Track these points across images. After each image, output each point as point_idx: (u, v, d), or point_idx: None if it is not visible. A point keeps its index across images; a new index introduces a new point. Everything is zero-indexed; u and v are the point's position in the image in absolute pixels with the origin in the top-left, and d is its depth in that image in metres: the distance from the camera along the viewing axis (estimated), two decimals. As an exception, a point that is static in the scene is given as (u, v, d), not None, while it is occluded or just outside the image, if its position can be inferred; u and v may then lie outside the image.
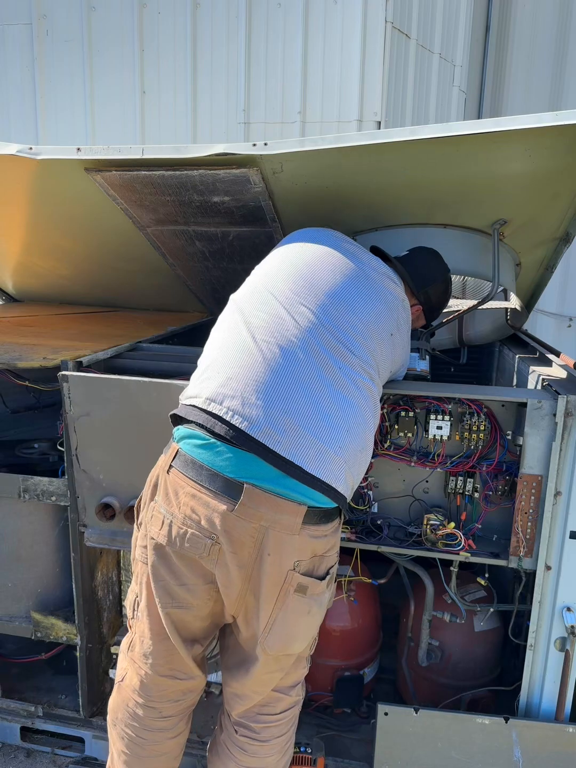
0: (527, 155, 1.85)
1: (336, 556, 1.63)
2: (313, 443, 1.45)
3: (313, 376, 1.52)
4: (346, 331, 1.60)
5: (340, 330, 1.60)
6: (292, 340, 1.54)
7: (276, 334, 1.54)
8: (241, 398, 1.46)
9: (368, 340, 1.64)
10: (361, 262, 1.77)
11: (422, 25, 4.87)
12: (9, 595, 2.28)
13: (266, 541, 1.45)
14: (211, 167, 1.99)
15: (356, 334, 1.62)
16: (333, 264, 1.72)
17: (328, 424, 1.48)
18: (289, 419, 1.45)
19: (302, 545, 1.49)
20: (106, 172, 2.11)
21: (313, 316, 1.58)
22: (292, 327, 1.56)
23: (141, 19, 4.75)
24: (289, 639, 1.56)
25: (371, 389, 1.61)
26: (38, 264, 3.17)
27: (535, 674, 1.94)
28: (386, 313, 1.73)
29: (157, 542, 1.55)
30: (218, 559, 1.48)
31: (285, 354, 1.51)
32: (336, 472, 1.48)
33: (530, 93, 6.33)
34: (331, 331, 1.59)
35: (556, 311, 6.36)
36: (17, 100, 5.14)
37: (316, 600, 1.55)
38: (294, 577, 1.49)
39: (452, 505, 2.01)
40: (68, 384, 1.98)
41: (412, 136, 1.74)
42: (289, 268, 1.71)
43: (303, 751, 2.04)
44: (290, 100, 4.61)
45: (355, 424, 1.53)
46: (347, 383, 1.55)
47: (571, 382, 2.01)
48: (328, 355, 1.55)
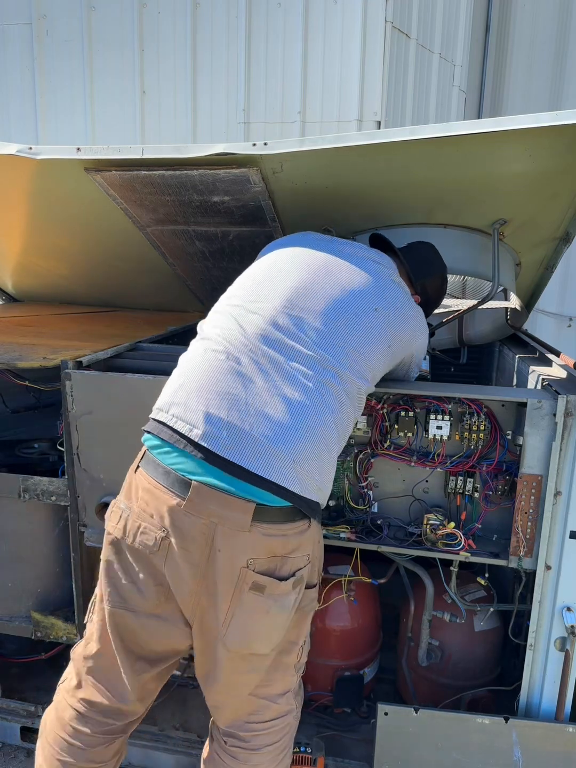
0: (527, 155, 1.85)
1: (305, 559, 1.58)
2: (258, 444, 1.45)
3: (258, 377, 1.52)
4: (302, 326, 1.59)
5: (295, 327, 1.58)
6: (238, 346, 1.56)
7: (224, 342, 1.58)
8: (185, 405, 1.51)
9: (334, 326, 1.60)
10: (329, 249, 1.75)
11: (422, 25, 4.87)
12: (9, 594, 2.28)
13: (216, 537, 1.46)
14: (211, 167, 1.99)
15: (317, 326, 1.59)
16: (294, 262, 1.72)
17: (275, 424, 1.47)
18: (231, 422, 1.46)
19: (255, 543, 1.48)
20: (106, 171, 2.11)
21: (262, 321, 1.59)
22: (239, 335, 1.58)
23: (141, 19, 4.75)
24: (248, 637, 1.53)
25: (332, 384, 1.56)
26: (38, 264, 3.17)
27: (535, 674, 1.94)
28: (362, 289, 1.68)
29: (113, 537, 1.58)
30: (168, 555, 1.49)
31: (229, 359, 1.54)
32: (282, 470, 1.46)
33: (530, 93, 6.33)
34: (284, 330, 1.58)
35: (556, 311, 6.36)
36: (17, 100, 5.14)
37: (276, 600, 1.52)
38: (248, 575, 1.48)
39: (452, 505, 2.01)
40: (71, 382, 1.98)
41: (412, 136, 1.74)
42: (247, 281, 1.74)
43: (303, 751, 2.04)
44: (290, 100, 4.61)
45: (306, 422, 1.50)
46: (299, 382, 1.53)
47: (571, 382, 2.01)
48: (278, 355, 1.54)
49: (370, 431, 1.99)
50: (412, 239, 2.26)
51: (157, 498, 1.50)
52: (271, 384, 1.51)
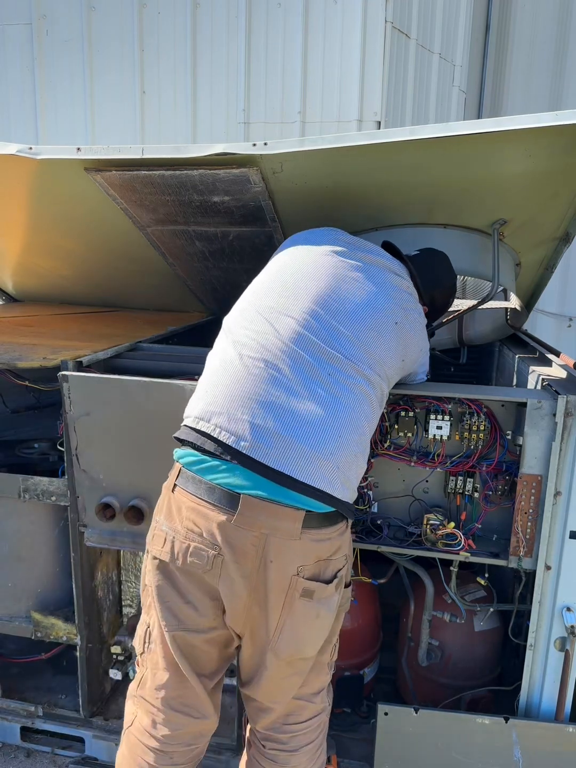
0: (527, 155, 1.85)
1: (344, 559, 1.61)
2: (302, 451, 1.46)
3: (299, 384, 1.51)
4: (335, 332, 1.59)
5: (328, 332, 1.58)
6: (275, 352, 1.54)
7: (260, 349, 1.55)
8: (227, 414, 1.49)
9: (363, 335, 1.61)
10: (355, 257, 1.75)
11: (422, 25, 4.86)
12: (9, 595, 2.28)
13: (268, 548, 1.46)
14: (211, 167, 1.99)
15: (348, 334, 1.59)
16: (322, 265, 1.70)
17: (317, 430, 1.48)
18: (275, 430, 1.46)
19: (304, 550, 1.49)
20: (106, 171, 2.11)
21: (297, 325, 1.58)
22: (275, 339, 1.56)
23: (141, 19, 4.75)
24: (299, 643, 1.55)
25: (366, 391, 1.58)
26: (38, 264, 3.17)
27: (535, 674, 1.94)
28: (386, 301, 1.69)
29: (160, 560, 1.56)
30: (221, 572, 1.48)
31: (269, 367, 1.52)
32: (329, 477, 1.48)
33: (530, 93, 6.33)
34: (319, 335, 1.57)
35: (556, 311, 6.36)
36: (17, 100, 5.13)
37: (324, 603, 1.54)
38: (299, 582, 1.49)
39: (452, 504, 2.01)
40: (68, 384, 1.98)
41: (412, 136, 1.74)
42: (275, 282, 1.71)
43: None
44: (290, 100, 4.61)
45: (346, 428, 1.52)
46: (337, 388, 1.53)
47: (571, 382, 2.01)
48: (315, 362, 1.54)
49: (370, 431, 1.99)
50: (412, 239, 2.26)
51: (205, 516, 1.48)
52: (311, 391, 1.51)
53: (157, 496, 2.00)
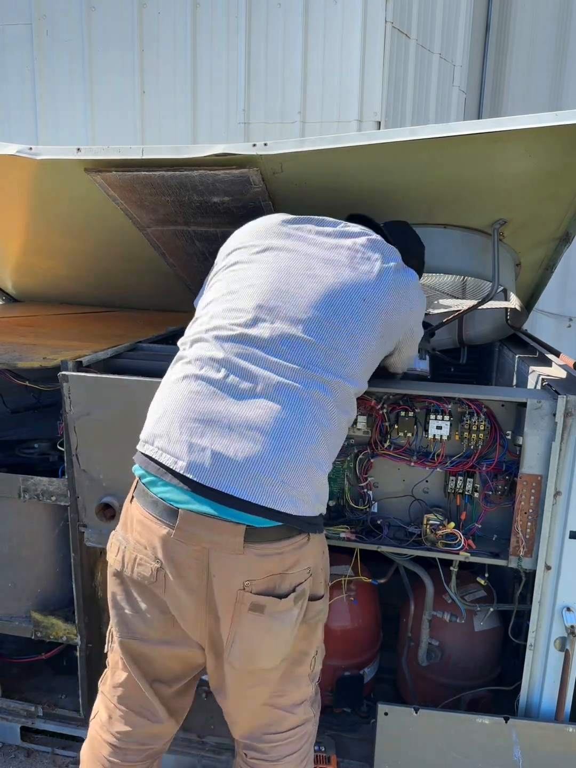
0: (527, 155, 1.85)
1: (306, 572, 1.53)
2: (244, 469, 1.41)
3: (241, 399, 1.45)
4: (282, 337, 1.49)
5: (273, 339, 1.49)
6: (215, 366, 1.49)
7: (201, 364, 1.51)
8: (168, 436, 1.46)
9: (318, 331, 1.50)
10: (307, 240, 1.64)
11: (422, 25, 4.86)
12: (9, 595, 2.28)
13: (210, 562, 1.44)
14: (211, 167, 1.99)
15: (299, 335, 1.49)
16: (267, 263, 1.61)
17: (259, 446, 1.42)
18: (215, 450, 1.42)
19: (250, 564, 1.44)
20: (106, 172, 2.11)
21: (240, 337, 1.51)
22: (216, 353, 1.51)
23: (141, 19, 4.75)
24: (252, 656, 1.51)
25: (322, 397, 1.48)
26: (38, 264, 3.17)
27: (535, 674, 1.94)
28: (350, 279, 1.56)
29: (114, 569, 1.57)
30: (165, 586, 1.47)
31: (209, 382, 1.48)
32: (273, 492, 1.41)
33: (530, 93, 6.33)
34: (265, 345, 1.49)
35: (556, 311, 6.36)
36: (17, 101, 5.13)
37: (276, 618, 1.48)
38: (245, 596, 1.45)
39: (452, 505, 2.01)
40: (68, 384, 1.98)
41: (412, 136, 1.74)
42: (218, 292, 1.65)
43: (317, 750, 2.03)
44: (290, 100, 4.61)
45: (294, 441, 1.44)
46: (284, 398, 1.45)
47: (571, 382, 2.01)
48: (261, 373, 1.47)
49: (370, 431, 1.99)
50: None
51: (149, 529, 1.48)
52: (253, 405, 1.44)
53: (157, 496, 2.00)
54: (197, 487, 1.42)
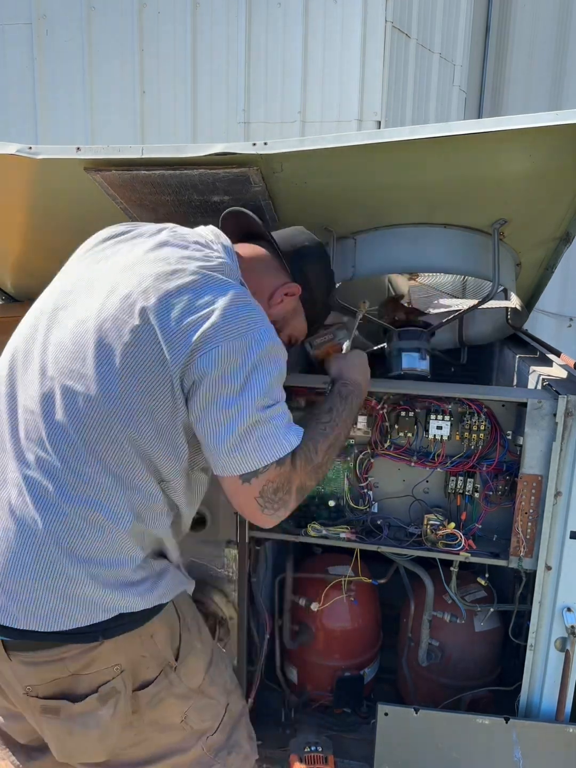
0: (527, 155, 1.85)
1: (113, 671, 1.30)
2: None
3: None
4: (23, 416, 1.37)
5: (16, 420, 1.38)
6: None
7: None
8: None
9: (91, 406, 1.31)
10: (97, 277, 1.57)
11: (422, 25, 4.87)
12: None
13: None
14: (211, 167, 1.99)
15: (57, 415, 1.32)
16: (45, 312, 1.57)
17: (9, 554, 1.25)
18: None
19: (23, 672, 1.29)
20: (106, 171, 2.11)
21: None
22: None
23: (141, 19, 4.75)
24: (69, 754, 1.36)
25: (86, 510, 1.25)
26: (38, 264, 3.17)
27: (535, 674, 1.94)
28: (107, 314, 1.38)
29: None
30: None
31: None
32: (29, 607, 1.24)
33: (530, 93, 6.33)
34: (15, 427, 1.36)
35: (556, 311, 6.37)
36: (17, 100, 5.14)
37: (77, 721, 1.29)
38: (32, 701, 1.31)
39: (452, 505, 2.01)
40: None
41: (412, 135, 1.74)
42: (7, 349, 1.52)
43: (314, 750, 2.03)
44: (290, 100, 4.62)
45: (52, 544, 1.24)
46: (35, 502, 1.25)
47: (571, 382, 2.01)
48: (7, 468, 1.31)
49: (370, 431, 1.99)
50: (413, 239, 2.27)
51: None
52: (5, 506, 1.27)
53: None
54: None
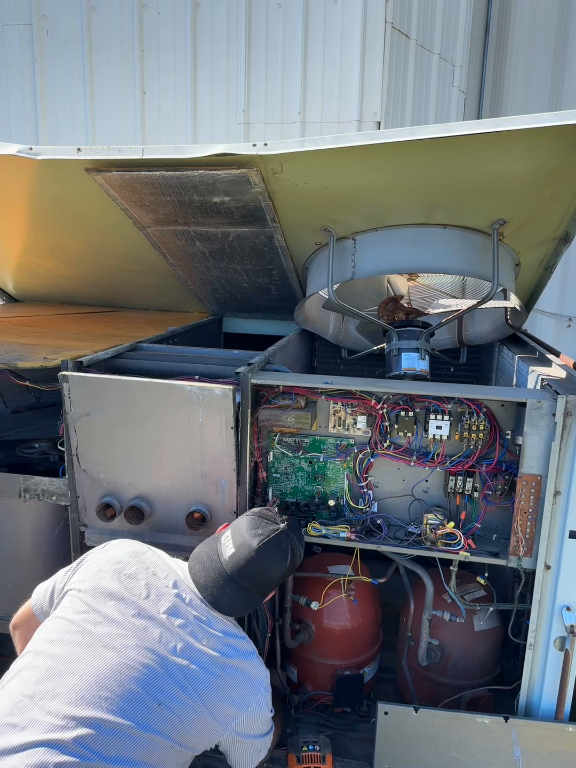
0: (527, 155, 1.86)
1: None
2: None
3: None
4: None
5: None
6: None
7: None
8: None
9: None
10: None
11: (422, 26, 4.87)
12: (9, 594, 2.28)
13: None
14: (211, 167, 1.99)
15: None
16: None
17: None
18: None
19: None
20: (107, 172, 2.12)
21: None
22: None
23: (141, 19, 4.76)
24: None
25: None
26: (39, 264, 3.18)
27: (534, 673, 1.95)
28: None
29: None
30: None
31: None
32: None
33: (530, 93, 6.34)
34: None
35: (555, 311, 6.37)
36: (17, 100, 5.14)
37: None
38: None
39: (452, 504, 2.01)
40: (68, 384, 1.98)
41: (412, 136, 1.75)
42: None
43: (312, 749, 2.03)
44: (290, 101, 4.62)
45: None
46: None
47: (570, 382, 2.01)
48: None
49: (370, 431, 1.99)
50: (412, 239, 2.27)
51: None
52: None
53: (158, 496, 2.00)
54: None
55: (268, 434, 2.07)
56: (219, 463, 1.96)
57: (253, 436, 1.98)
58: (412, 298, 2.99)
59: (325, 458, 2.07)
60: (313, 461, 2.08)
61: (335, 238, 2.33)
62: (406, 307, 2.81)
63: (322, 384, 1.96)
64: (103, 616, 1.53)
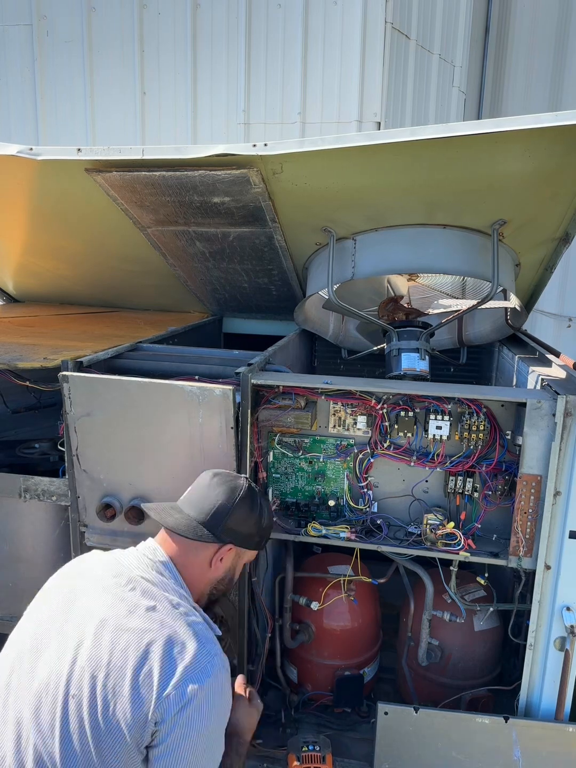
0: (527, 155, 1.86)
1: None
2: None
3: None
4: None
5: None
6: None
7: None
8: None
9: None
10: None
11: (422, 26, 4.88)
12: (9, 594, 2.28)
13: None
14: (212, 168, 1.99)
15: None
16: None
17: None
18: None
19: None
20: (107, 172, 2.12)
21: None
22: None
23: (141, 19, 4.76)
24: None
25: None
26: (39, 264, 3.18)
27: (534, 674, 1.95)
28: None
29: None
30: None
31: None
32: None
33: (530, 93, 6.34)
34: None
35: (555, 311, 6.37)
36: (17, 101, 5.15)
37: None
38: None
39: (452, 504, 2.01)
40: (68, 384, 1.98)
41: (412, 136, 1.75)
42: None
43: (311, 749, 2.03)
44: (290, 101, 4.62)
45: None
46: None
47: (570, 382, 2.01)
48: None
49: (370, 431, 1.99)
50: (412, 239, 2.27)
51: None
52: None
53: (158, 496, 2.00)
54: None
55: (268, 434, 2.07)
56: (219, 463, 1.96)
57: (253, 436, 1.98)
58: (412, 299, 2.99)
59: (325, 458, 2.07)
60: (313, 461, 2.08)
61: (335, 238, 2.33)
62: (406, 308, 2.81)
63: (322, 384, 1.96)
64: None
